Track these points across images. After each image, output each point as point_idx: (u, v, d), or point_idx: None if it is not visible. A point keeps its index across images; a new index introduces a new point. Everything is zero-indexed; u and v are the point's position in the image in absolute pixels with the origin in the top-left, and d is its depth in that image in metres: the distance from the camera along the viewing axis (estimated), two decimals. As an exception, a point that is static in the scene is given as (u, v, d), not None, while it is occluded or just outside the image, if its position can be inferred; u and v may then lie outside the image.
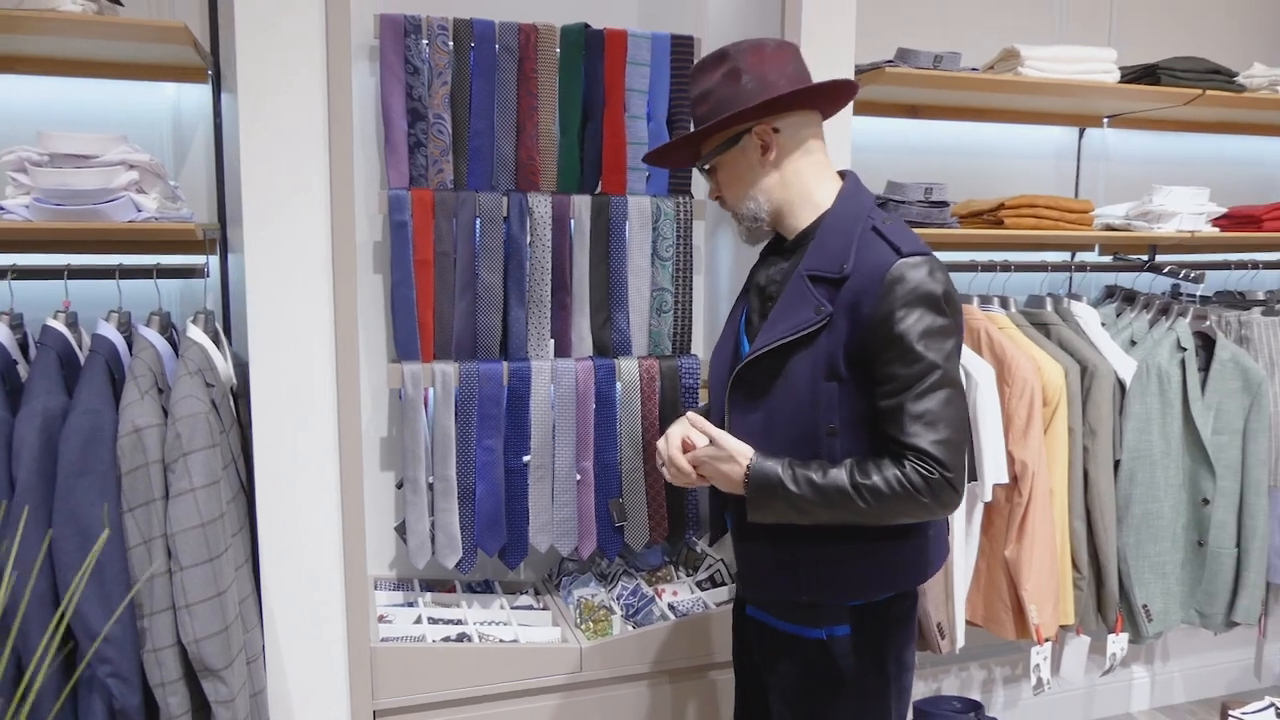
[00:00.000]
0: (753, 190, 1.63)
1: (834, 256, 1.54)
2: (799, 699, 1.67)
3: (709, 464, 1.61)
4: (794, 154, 1.62)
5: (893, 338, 1.48)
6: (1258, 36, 3.29)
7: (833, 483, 1.50)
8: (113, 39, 1.84)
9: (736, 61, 1.59)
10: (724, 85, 1.59)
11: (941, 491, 1.48)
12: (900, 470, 1.48)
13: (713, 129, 1.61)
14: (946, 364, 1.49)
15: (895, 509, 1.49)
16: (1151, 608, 2.60)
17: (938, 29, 2.85)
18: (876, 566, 1.60)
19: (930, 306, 1.49)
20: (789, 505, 1.53)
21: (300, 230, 1.91)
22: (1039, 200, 2.61)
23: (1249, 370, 2.65)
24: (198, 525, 1.76)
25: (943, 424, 1.48)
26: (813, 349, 1.54)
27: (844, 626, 1.62)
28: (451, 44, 2.22)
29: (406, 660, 2.05)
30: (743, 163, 1.63)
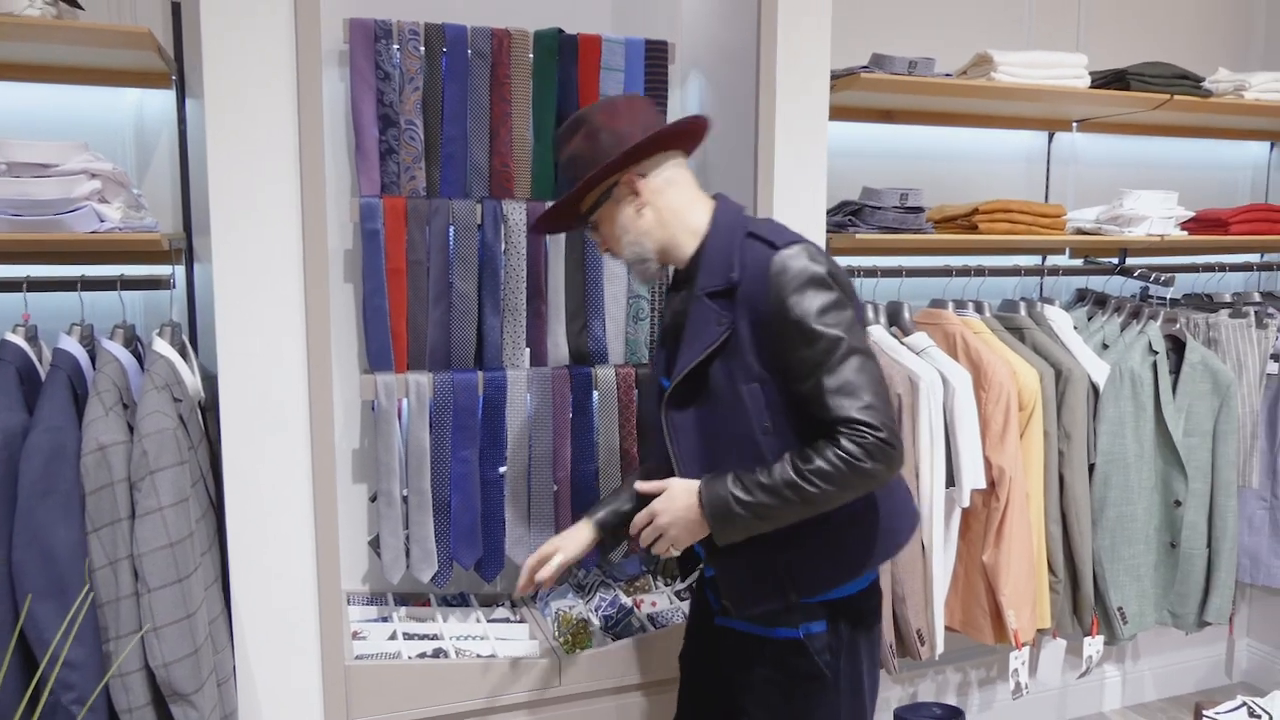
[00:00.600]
0: (634, 235, 1.71)
1: (721, 269, 1.63)
2: (778, 701, 1.68)
3: (662, 517, 1.64)
4: (664, 193, 1.71)
5: (790, 324, 1.55)
6: (1222, 42, 3.33)
7: (780, 479, 1.54)
8: (73, 44, 1.79)
9: (591, 123, 1.70)
10: (585, 147, 1.69)
11: (880, 452, 1.51)
12: (837, 446, 1.52)
13: (583, 188, 1.70)
14: (848, 334, 1.55)
15: (845, 484, 1.52)
16: (1127, 610, 2.62)
17: (911, 35, 2.86)
18: (852, 550, 1.65)
19: (817, 286, 1.56)
20: (750, 514, 1.56)
21: (270, 239, 1.86)
22: (1013, 205, 2.62)
23: (1218, 372, 2.68)
24: (166, 545, 1.70)
25: (862, 389, 1.53)
26: (725, 359, 1.61)
27: (820, 623, 1.65)
28: (423, 49, 2.18)
29: (382, 678, 2.00)
30: (619, 212, 1.71)
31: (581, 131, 1.70)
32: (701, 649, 1.88)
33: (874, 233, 2.50)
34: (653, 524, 1.66)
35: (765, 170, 2.19)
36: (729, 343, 1.61)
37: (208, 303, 2.16)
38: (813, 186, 2.26)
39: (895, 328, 2.57)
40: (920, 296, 2.76)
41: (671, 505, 1.64)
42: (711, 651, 1.83)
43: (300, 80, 1.84)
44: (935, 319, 2.60)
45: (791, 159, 2.23)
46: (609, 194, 1.71)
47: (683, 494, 1.63)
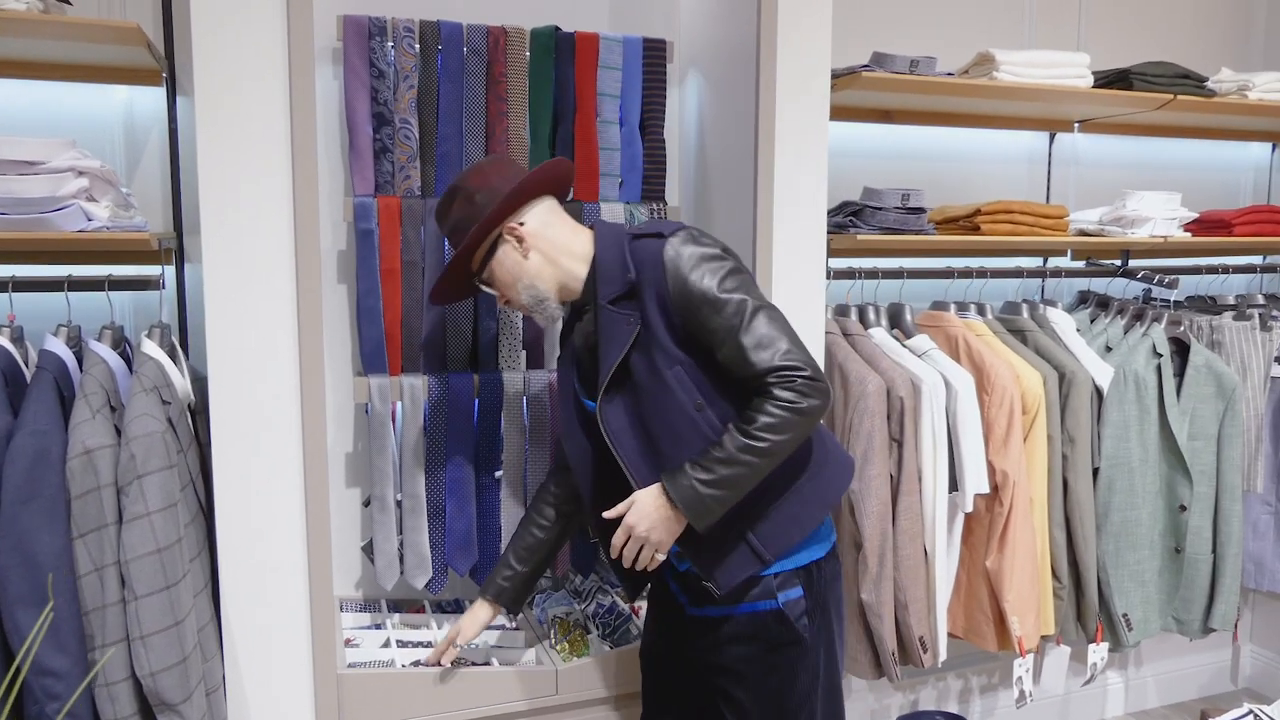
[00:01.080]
0: (527, 279, 1.79)
1: (617, 275, 1.71)
2: (761, 673, 1.74)
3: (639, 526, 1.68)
4: (543, 233, 1.79)
5: (696, 299, 1.64)
6: (1224, 41, 3.31)
7: (732, 448, 1.62)
8: (61, 39, 1.75)
9: (465, 189, 1.79)
10: (463, 211, 1.79)
11: (809, 390, 1.61)
12: (769, 397, 1.61)
13: (468, 249, 1.78)
14: (750, 294, 1.65)
15: (791, 427, 1.61)
16: (1131, 616, 2.59)
17: (912, 34, 2.83)
18: (803, 502, 1.74)
19: (710, 259, 1.66)
20: (719, 491, 1.63)
21: (262, 239, 1.82)
22: (1015, 206, 2.60)
23: (1223, 375, 2.65)
24: (153, 551, 1.66)
25: (777, 339, 1.63)
26: (643, 352, 1.69)
27: (796, 589, 1.73)
28: (418, 47, 2.15)
29: (375, 687, 1.96)
30: (508, 262, 1.79)
31: (458, 199, 1.80)
32: (669, 644, 1.92)
33: (875, 233, 2.47)
34: (632, 537, 1.70)
35: (765, 170, 2.16)
36: (642, 335, 1.69)
37: (198, 303, 2.13)
38: (813, 187, 2.23)
39: (897, 330, 2.54)
40: (922, 298, 2.73)
41: (643, 512, 1.68)
42: (680, 645, 1.87)
43: (293, 77, 1.80)
44: (937, 321, 2.57)
45: (792, 159, 2.20)
46: (494, 248, 1.79)
47: (649, 498, 1.68)
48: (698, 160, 2.47)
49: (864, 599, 2.28)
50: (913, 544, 2.32)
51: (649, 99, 2.33)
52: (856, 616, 2.31)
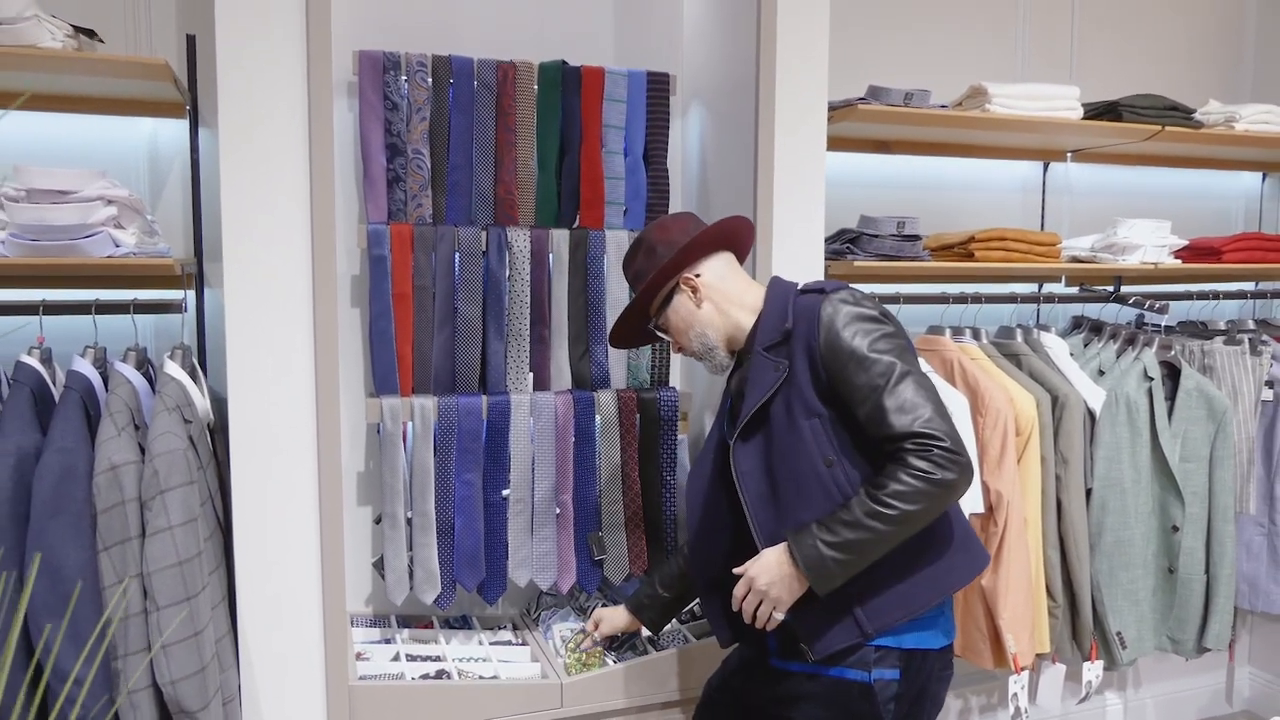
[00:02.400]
0: (698, 328, 1.84)
1: (776, 325, 1.75)
2: None
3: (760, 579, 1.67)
4: (717, 286, 1.84)
5: (845, 356, 1.65)
6: (1213, 74, 3.39)
7: (860, 512, 1.58)
8: (94, 75, 1.84)
9: (648, 241, 1.86)
10: (645, 261, 1.85)
11: (947, 461, 1.56)
12: (904, 464, 1.57)
13: (646, 296, 1.86)
14: (901, 359, 1.64)
15: (923, 499, 1.56)
16: (1125, 635, 2.63)
17: (907, 67, 2.92)
18: (917, 583, 1.68)
19: (866, 319, 1.68)
20: (842, 555, 1.59)
21: (280, 265, 1.90)
22: (1008, 233, 2.67)
23: (1213, 399, 2.71)
24: (175, 564, 1.73)
25: (920, 405, 1.59)
26: (784, 400, 1.70)
27: (893, 671, 1.68)
28: (430, 80, 2.24)
29: (386, 699, 2.02)
30: (682, 310, 1.85)
31: (641, 250, 1.87)
32: (742, 683, 1.90)
33: (872, 260, 2.54)
34: (752, 590, 1.68)
35: (765, 199, 2.24)
36: (786, 382, 1.70)
37: (217, 326, 2.21)
38: (812, 215, 2.31)
39: (893, 354, 2.60)
40: (918, 323, 2.80)
41: (766, 568, 1.66)
42: (753, 688, 1.85)
43: (312, 111, 1.89)
44: (933, 345, 2.64)
45: (791, 188, 2.28)
46: (670, 297, 1.85)
47: (774, 555, 1.66)
48: (700, 189, 2.55)
49: (862, 616, 2.33)
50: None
51: (652, 130, 2.42)
52: (854, 633, 2.36)
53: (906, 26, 2.94)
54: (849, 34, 2.75)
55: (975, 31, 3.03)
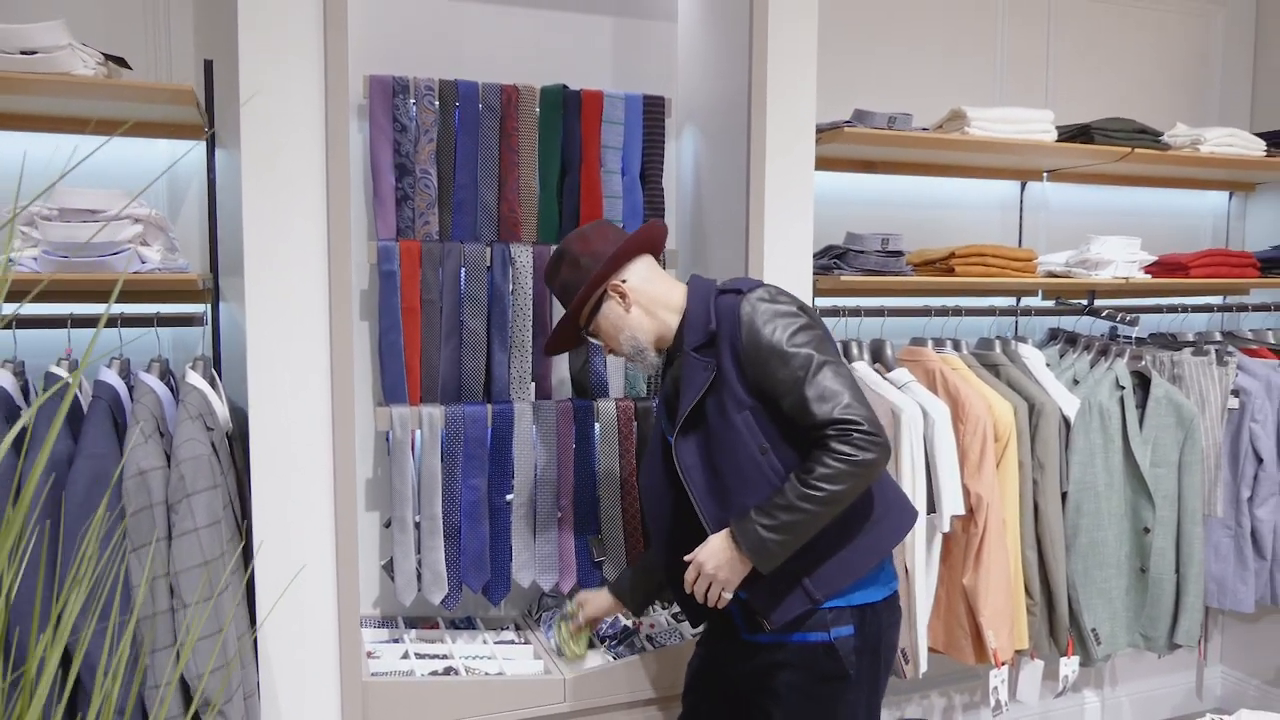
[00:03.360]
0: (628, 332, 1.95)
1: (700, 326, 1.87)
2: (801, 703, 1.85)
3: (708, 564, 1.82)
4: (643, 289, 1.95)
5: (767, 352, 1.77)
6: (1182, 98, 3.55)
7: (793, 496, 1.73)
8: (122, 100, 1.94)
9: (570, 253, 1.96)
10: (570, 273, 1.95)
11: (866, 443, 1.71)
12: (828, 449, 1.71)
13: (578, 305, 1.95)
14: (818, 350, 1.77)
15: (849, 479, 1.71)
16: (1100, 631, 2.75)
17: (892, 91, 3.05)
18: (856, 548, 1.84)
19: (783, 315, 1.80)
20: (781, 536, 1.74)
21: (298, 282, 2.00)
22: (987, 250, 2.79)
23: (1182, 407, 2.84)
24: (200, 564, 1.82)
25: (839, 393, 1.73)
26: (716, 396, 1.83)
27: (848, 627, 1.85)
28: (437, 103, 2.35)
29: (397, 694, 2.11)
30: (612, 316, 1.95)
31: (565, 263, 1.97)
32: (718, 664, 2.03)
33: (857, 275, 2.66)
34: (701, 574, 1.83)
35: (756, 217, 2.35)
36: (716, 381, 1.83)
37: (232, 338, 2.30)
38: (800, 232, 2.42)
39: (878, 364, 2.72)
40: (901, 335, 2.92)
41: (713, 554, 1.81)
42: (728, 666, 1.99)
43: (329, 137, 1.99)
44: (916, 356, 2.76)
45: (781, 206, 2.39)
46: (599, 304, 1.95)
47: (719, 541, 1.81)
48: (694, 207, 2.66)
49: (849, 614, 2.44)
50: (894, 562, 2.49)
51: (649, 151, 2.53)
52: (843, 631, 2.47)
53: (891, 53, 3.07)
54: (836, 60, 2.88)
55: (956, 57, 3.16)
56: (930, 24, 3.12)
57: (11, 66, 1.81)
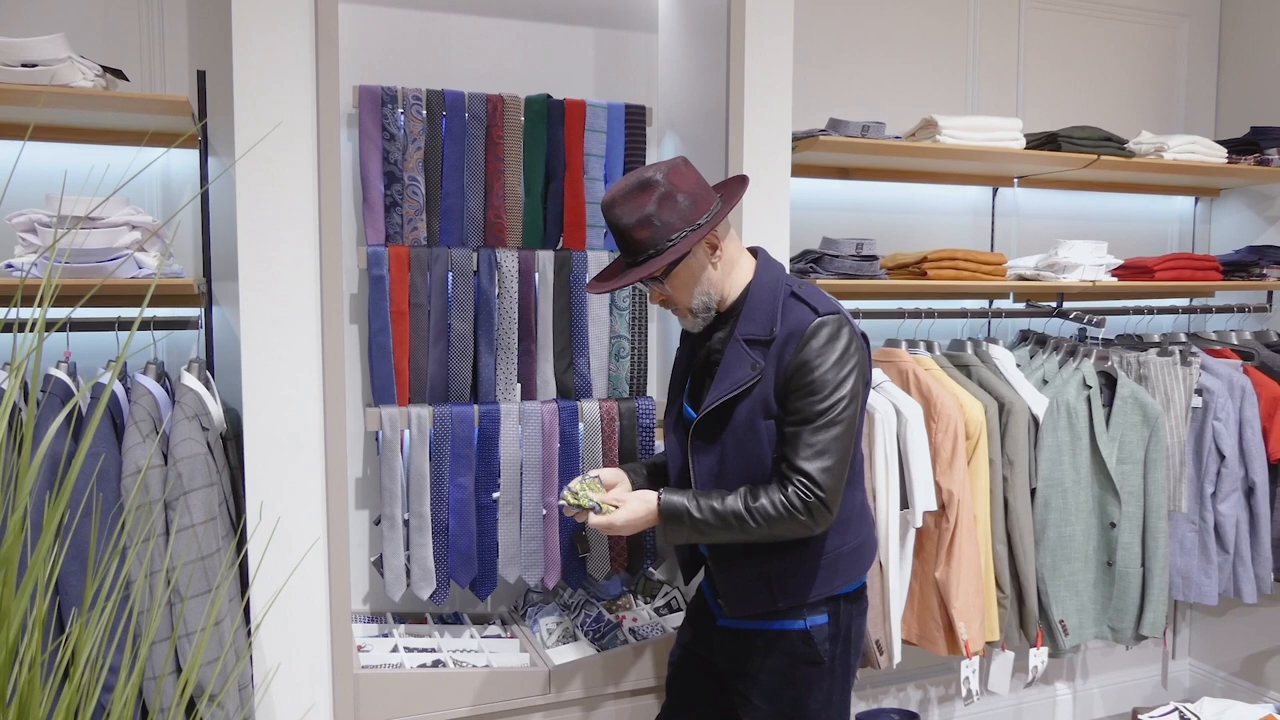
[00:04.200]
0: (705, 287, 1.88)
1: (763, 322, 1.84)
2: (779, 685, 1.92)
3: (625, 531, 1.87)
4: (727, 248, 1.89)
5: (808, 380, 1.77)
6: (1148, 106, 3.65)
7: (729, 508, 1.79)
8: (120, 111, 2.00)
9: (666, 185, 1.80)
10: (664, 209, 1.80)
11: (817, 512, 1.77)
12: (784, 494, 1.76)
13: (674, 253, 1.79)
14: (847, 406, 1.78)
15: (780, 527, 1.78)
16: (1068, 623, 2.84)
17: (865, 100, 3.14)
18: (827, 567, 1.91)
19: (840, 357, 1.78)
20: (694, 529, 1.81)
21: (291, 286, 2.07)
22: (958, 254, 2.89)
23: (1147, 406, 2.94)
24: (198, 559, 1.89)
25: (830, 454, 1.76)
26: (751, 397, 1.83)
27: (822, 616, 1.92)
28: (425, 113, 2.42)
29: (388, 686, 2.18)
30: (695, 268, 1.86)
31: (656, 193, 1.79)
32: (698, 651, 2.10)
33: (833, 278, 2.75)
34: (611, 525, 1.86)
35: (735, 222, 2.43)
36: (757, 384, 1.83)
37: (225, 341, 2.37)
38: (778, 236, 2.51)
39: (854, 365, 2.80)
40: (876, 336, 3.01)
41: (631, 516, 1.86)
42: (707, 649, 2.06)
43: (320, 144, 2.06)
44: (890, 357, 2.84)
45: (759, 212, 2.47)
46: (689, 252, 1.83)
47: (644, 508, 1.86)
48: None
49: (826, 607, 2.52)
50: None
51: (630, 158, 2.61)
52: (819, 623, 2.55)
53: (865, 63, 3.16)
54: (812, 70, 2.98)
55: (929, 67, 3.26)
56: (904, 35, 3.21)
57: (13, 79, 1.87)
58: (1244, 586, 3.12)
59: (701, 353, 1.96)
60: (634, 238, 1.82)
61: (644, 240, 1.81)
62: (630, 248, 1.84)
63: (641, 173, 1.83)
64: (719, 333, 1.92)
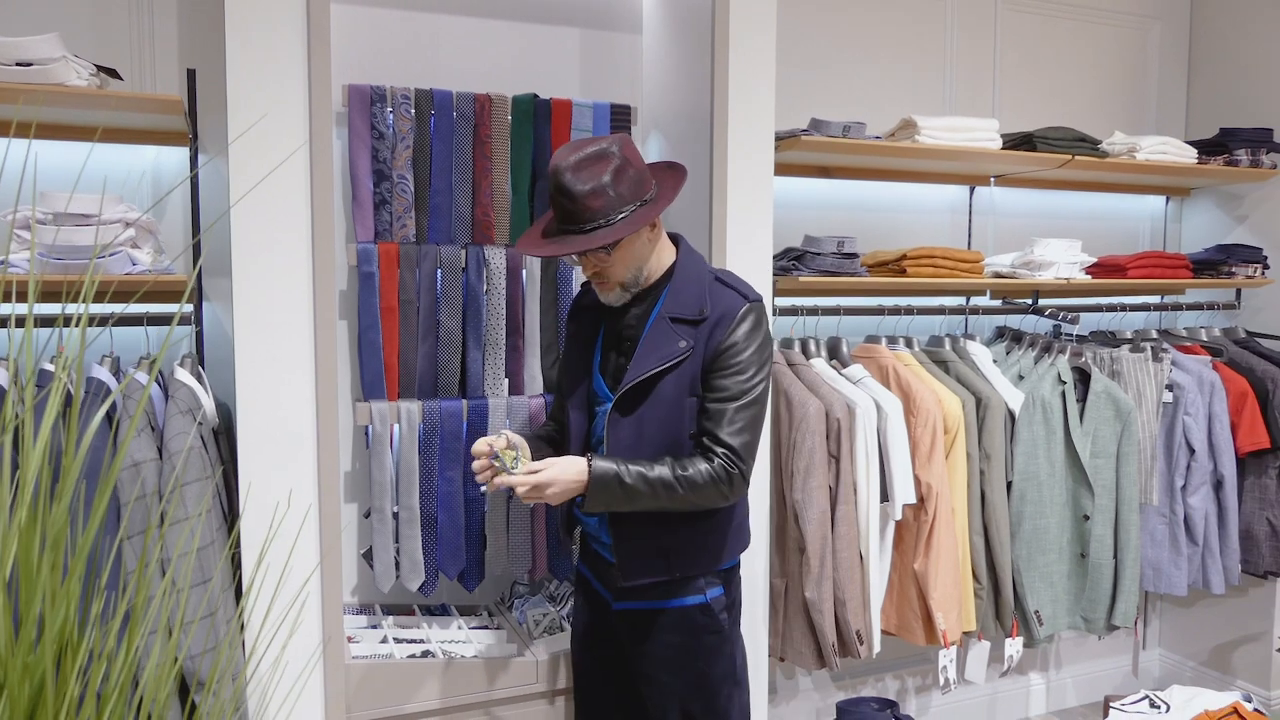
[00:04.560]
0: (639, 263, 1.95)
1: (692, 303, 1.93)
2: (684, 659, 2.00)
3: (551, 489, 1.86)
4: (661, 230, 1.99)
5: (736, 360, 1.89)
6: (1118, 106, 3.73)
7: (658, 476, 1.87)
8: (113, 109, 2.02)
9: (620, 158, 1.87)
10: (617, 180, 1.85)
11: (736, 482, 1.90)
12: (710, 465, 1.87)
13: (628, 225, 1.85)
14: (764, 388, 1.93)
15: (702, 496, 1.88)
16: (1042, 613, 2.92)
17: (847, 99, 3.19)
18: (719, 543, 2.02)
19: (763, 341, 1.93)
20: (623, 495, 1.87)
21: (283, 283, 2.09)
22: (936, 251, 2.95)
23: (1120, 401, 3.01)
24: (192, 551, 1.92)
25: (750, 430, 1.90)
26: (678, 373, 1.92)
27: (718, 588, 2.03)
28: (414, 112, 2.45)
29: (378, 676, 2.22)
30: (637, 243, 1.94)
31: (610, 166, 1.85)
32: (597, 638, 2.17)
33: (815, 276, 2.80)
34: (535, 488, 1.85)
35: (719, 220, 2.47)
36: (686, 361, 1.91)
37: (217, 337, 2.39)
38: (760, 234, 2.55)
39: (835, 360, 2.86)
40: (856, 333, 3.07)
41: (560, 474, 1.86)
42: (607, 637, 2.13)
43: (312, 143, 2.08)
44: (870, 353, 2.90)
45: (742, 210, 2.51)
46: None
47: (573, 470, 1.87)
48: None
49: (807, 596, 2.58)
50: (849, 548, 2.63)
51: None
52: (800, 612, 2.61)
53: (846, 64, 3.22)
54: (794, 70, 3.02)
55: (908, 68, 3.32)
56: (883, 36, 3.27)
57: (8, 78, 1.89)
58: (1212, 578, 3.21)
59: (612, 329, 2.03)
60: (586, 205, 1.84)
61: (596, 209, 1.85)
62: (575, 216, 1.86)
63: (595, 141, 1.87)
64: (635, 309, 1.99)
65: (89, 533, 1.09)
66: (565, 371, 2.13)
